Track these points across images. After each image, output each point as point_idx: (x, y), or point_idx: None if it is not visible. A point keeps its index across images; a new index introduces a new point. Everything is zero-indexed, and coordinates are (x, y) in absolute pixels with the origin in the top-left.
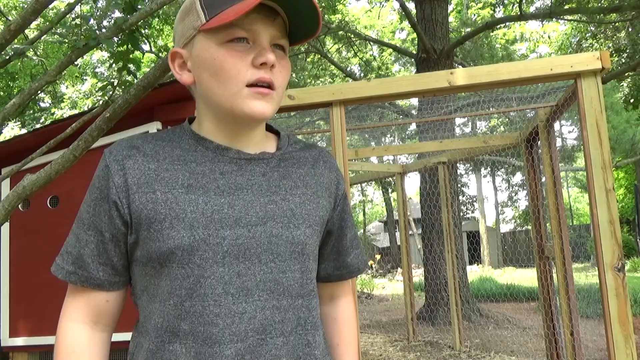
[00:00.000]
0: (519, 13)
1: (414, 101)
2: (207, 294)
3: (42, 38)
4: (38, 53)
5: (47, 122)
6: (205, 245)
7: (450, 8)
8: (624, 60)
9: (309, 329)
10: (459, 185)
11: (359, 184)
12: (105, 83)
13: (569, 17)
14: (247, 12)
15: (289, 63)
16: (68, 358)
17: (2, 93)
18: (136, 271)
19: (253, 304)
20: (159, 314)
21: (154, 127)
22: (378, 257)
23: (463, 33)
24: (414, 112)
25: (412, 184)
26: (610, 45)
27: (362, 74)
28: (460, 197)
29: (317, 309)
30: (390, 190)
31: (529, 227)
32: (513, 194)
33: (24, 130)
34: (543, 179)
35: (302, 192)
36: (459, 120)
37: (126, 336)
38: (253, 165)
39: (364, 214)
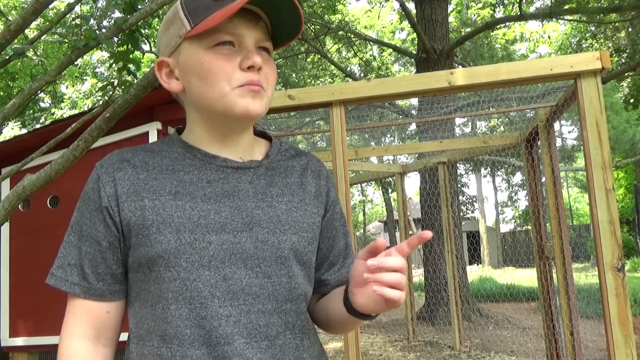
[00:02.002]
0: (519, 13)
1: (414, 101)
2: (194, 297)
3: (42, 38)
4: (38, 53)
5: (47, 122)
6: (191, 248)
7: (450, 8)
8: (624, 60)
9: (297, 332)
10: (459, 185)
11: (359, 184)
12: (105, 83)
13: (569, 17)
14: (230, 17)
15: (274, 64)
16: None
17: (2, 93)
18: (129, 278)
19: (238, 308)
20: (150, 319)
21: (154, 127)
22: None
23: (463, 33)
24: (414, 112)
25: (412, 184)
26: (610, 45)
27: (362, 74)
28: (460, 197)
29: (306, 313)
30: (390, 190)
31: (529, 227)
32: (513, 194)
33: (24, 130)
34: (543, 179)
35: (289, 199)
36: (459, 120)
37: (123, 336)
38: (240, 173)
39: (364, 214)
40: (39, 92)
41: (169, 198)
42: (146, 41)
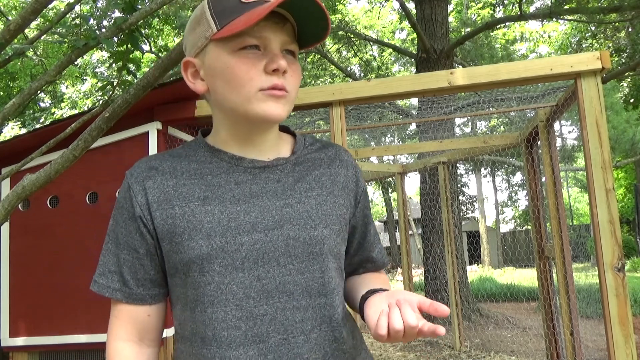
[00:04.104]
0: (519, 13)
1: (414, 101)
2: (229, 299)
3: (42, 38)
4: (38, 53)
5: (47, 122)
6: (223, 252)
7: (450, 8)
8: (624, 60)
9: (335, 325)
10: (459, 185)
11: None
12: (105, 83)
13: (569, 17)
14: (257, 22)
15: (299, 67)
16: None
17: (2, 93)
18: (169, 282)
19: (274, 306)
20: (191, 322)
21: (154, 127)
22: None
23: (463, 33)
24: (414, 112)
25: (412, 184)
26: (610, 45)
27: (362, 74)
28: (460, 197)
29: (340, 305)
30: (390, 190)
31: (529, 227)
32: (513, 194)
33: (24, 130)
34: (543, 179)
35: (318, 193)
36: (459, 120)
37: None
38: (267, 173)
39: None
40: (39, 92)
41: (198, 204)
42: (146, 41)
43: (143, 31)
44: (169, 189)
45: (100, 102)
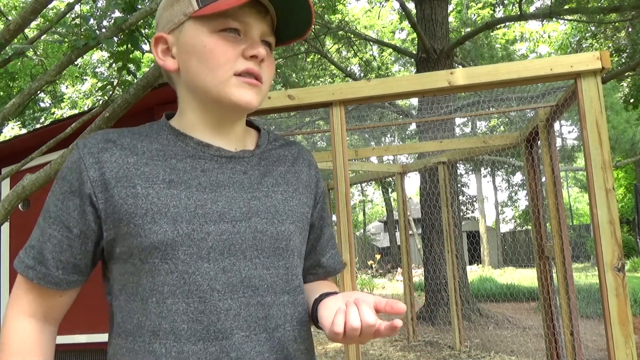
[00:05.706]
0: (519, 13)
1: (414, 101)
2: (192, 291)
3: (42, 38)
4: (38, 53)
5: (47, 122)
6: (189, 240)
7: (450, 8)
8: (624, 60)
9: (295, 324)
10: (459, 185)
11: (359, 184)
12: (105, 83)
13: (569, 17)
14: (243, 4)
15: (274, 60)
16: (19, 352)
17: (2, 93)
18: (114, 270)
19: (238, 301)
20: (140, 313)
21: None
22: (378, 257)
23: (463, 33)
24: (414, 112)
25: (412, 184)
26: (610, 45)
27: (362, 74)
28: (460, 197)
29: (303, 304)
30: (390, 190)
31: (529, 227)
32: (513, 194)
33: (24, 130)
34: (543, 179)
35: (284, 189)
36: (459, 120)
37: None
38: (234, 163)
39: (364, 214)
40: (39, 92)
41: (164, 186)
42: (146, 41)
43: (143, 31)
44: (129, 166)
45: (100, 102)
